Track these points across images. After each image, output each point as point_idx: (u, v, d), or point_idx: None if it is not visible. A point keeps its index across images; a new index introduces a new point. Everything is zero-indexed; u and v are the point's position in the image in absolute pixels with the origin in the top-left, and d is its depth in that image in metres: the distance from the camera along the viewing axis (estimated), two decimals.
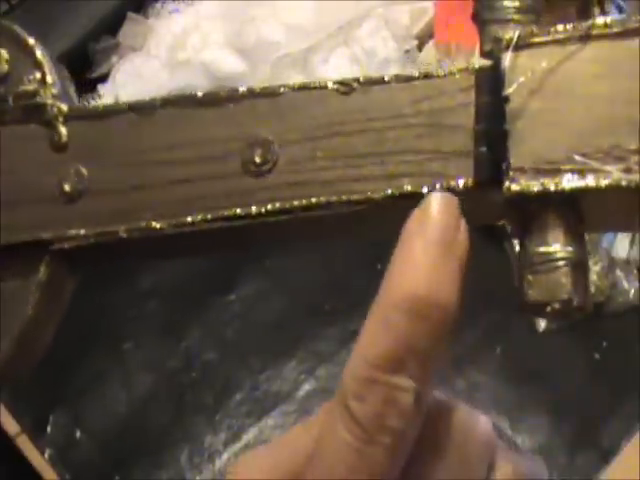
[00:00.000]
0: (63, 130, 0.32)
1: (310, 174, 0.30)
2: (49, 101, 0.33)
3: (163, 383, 0.85)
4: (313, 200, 0.29)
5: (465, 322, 0.94)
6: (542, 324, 0.84)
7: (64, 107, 0.33)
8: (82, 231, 0.31)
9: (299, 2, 0.98)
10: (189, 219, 0.30)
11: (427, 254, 0.26)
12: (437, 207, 0.27)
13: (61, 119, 0.32)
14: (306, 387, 0.82)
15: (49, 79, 0.33)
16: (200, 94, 0.31)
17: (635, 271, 0.86)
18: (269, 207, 0.30)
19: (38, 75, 0.33)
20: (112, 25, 1.06)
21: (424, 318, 0.26)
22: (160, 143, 0.31)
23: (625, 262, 0.86)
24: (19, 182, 0.32)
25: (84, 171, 0.32)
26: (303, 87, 0.30)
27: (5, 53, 0.33)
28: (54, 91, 0.33)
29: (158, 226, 0.31)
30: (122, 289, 0.89)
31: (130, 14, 1.06)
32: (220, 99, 0.31)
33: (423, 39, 0.98)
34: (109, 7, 1.06)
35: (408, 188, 0.28)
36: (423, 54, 0.97)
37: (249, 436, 0.80)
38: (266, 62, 0.95)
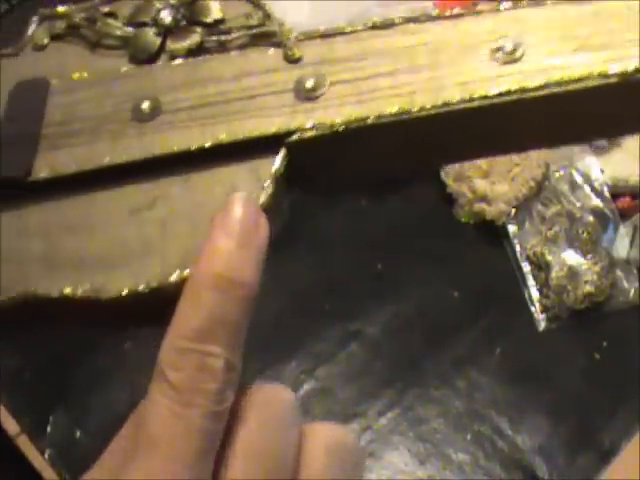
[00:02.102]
0: (296, 47, 0.34)
1: (562, 58, 0.32)
2: (278, 28, 0.35)
3: None
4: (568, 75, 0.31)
5: (465, 322, 0.93)
6: (542, 324, 0.84)
7: (294, 32, 0.35)
8: (328, 120, 0.32)
9: (297, 2, 0.98)
10: (447, 100, 0.32)
11: (229, 243, 0.30)
12: (237, 205, 0.31)
13: (293, 40, 0.35)
14: (306, 387, 0.82)
15: (272, 17, 0.36)
16: (435, 12, 0.34)
17: (635, 271, 0.86)
18: (530, 84, 0.31)
19: (260, 14, 0.36)
20: None
21: (228, 293, 0.29)
22: (401, 46, 0.33)
23: (625, 262, 0.86)
24: (251, 85, 0.34)
25: (323, 70, 0.33)
26: None
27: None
28: (280, 22, 0.35)
29: (415, 108, 0.32)
30: None
31: None
32: (458, 15, 0.33)
33: None
34: None
35: None
36: None
37: None
38: None
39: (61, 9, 0.38)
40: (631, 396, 0.80)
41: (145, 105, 0.34)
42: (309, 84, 0.33)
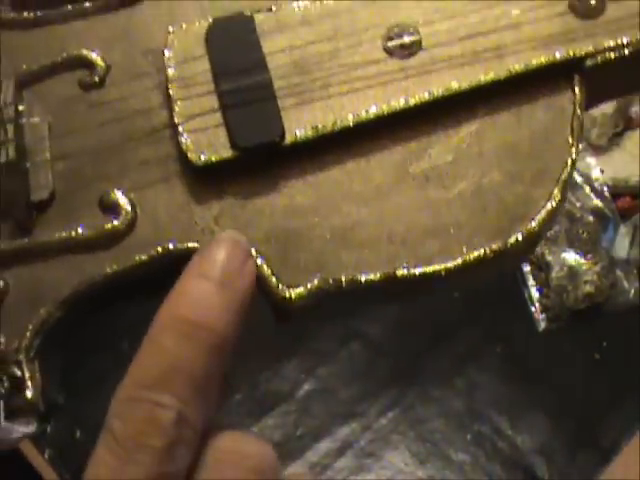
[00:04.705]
0: None
1: None
2: None
3: None
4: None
5: (465, 322, 0.93)
6: (542, 324, 0.84)
7: None
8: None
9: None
10: None
11: (201, 284, 0.27)
12: (221, 247, 0.28)
13: None
14: (306, 387, 0.82)
15: None
16: None
17: (635, 271, 0.86)
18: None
19: None
20: None
21: (190, 338, 0.26)
22: None
23: (625, 262, 0.86)
24: (519, 15, 0.32)
25: None
26: None
27: None
28: None
29: None
30: None
31: None
32: None
33: None
34: None
35: None
36: None
37: None
38: None
39: None
40: (631, 396, 0.80)
41: (404, 40, 0.31)
42: (590, 2, 0.31)
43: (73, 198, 0.30)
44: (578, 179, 0.88)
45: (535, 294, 0.85)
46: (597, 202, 0.87)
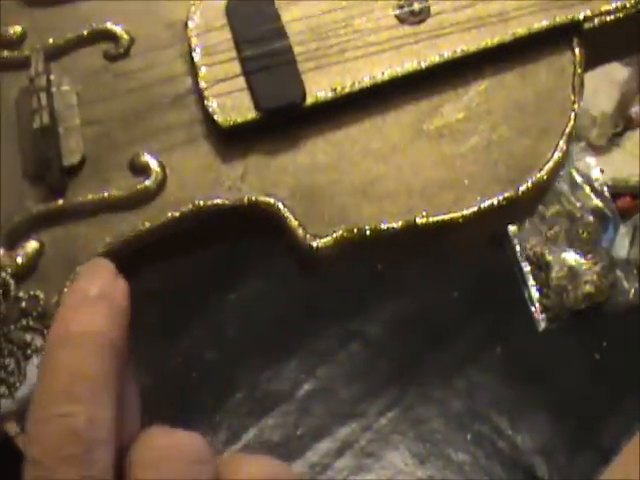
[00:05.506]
0: None
1: None
2: None
3: (163, 383, 0.85)
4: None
5: (466, 322, 0.93)
6: (542, 324, 0.84)
7: None
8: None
9: None
10: None
11: (81, 302, 0.29)
12: (92, 270, 0.30)
13: None
14: (306, 387, 0.82)
15: None
16: None
17: (635, 271, 0.86)
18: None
19: None
20: None
21: (80, 347, 0.27)
22: None
23: (625, 262, 0.86)
24: None
25: None
26: None
27: None
28: None
29: None
30: None
31: None
32: None
33: None
34: None
35: None
36: None
37: (249, 436, 0.80)
38: None
39: None
40: (631, 396, 0.80)
41: (414, 7, 0.33)
42: None
43: (104, 162, 0.32)
44: (578, 179, 0.88)
45: (535, 294, 0.85)
46: (597, 202, 0.87)
